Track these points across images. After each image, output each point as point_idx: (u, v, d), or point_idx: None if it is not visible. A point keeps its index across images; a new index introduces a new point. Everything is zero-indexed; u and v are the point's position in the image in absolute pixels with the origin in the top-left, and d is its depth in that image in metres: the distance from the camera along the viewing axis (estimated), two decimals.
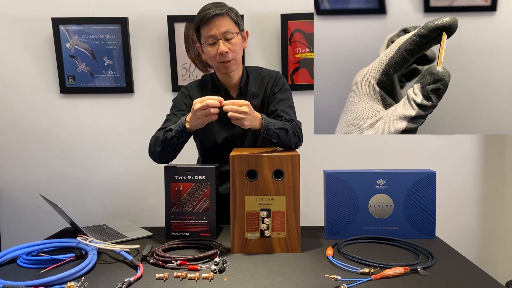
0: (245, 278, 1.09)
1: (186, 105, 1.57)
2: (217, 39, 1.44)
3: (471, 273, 1.11)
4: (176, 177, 1.41)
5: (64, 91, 2.30)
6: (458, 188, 2.33)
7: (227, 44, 1.45)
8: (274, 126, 1.36)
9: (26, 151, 2.35)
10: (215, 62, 1.50)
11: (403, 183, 1.39)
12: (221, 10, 1.43)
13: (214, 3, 1.47)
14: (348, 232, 1.40)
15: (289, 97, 1.59)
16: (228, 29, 1.44)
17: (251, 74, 1.60)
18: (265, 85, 1.58)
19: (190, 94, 1.60)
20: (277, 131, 1.36)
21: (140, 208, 2.30)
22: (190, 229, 1.43)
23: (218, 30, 1.43)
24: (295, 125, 1.47)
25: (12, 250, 1.21)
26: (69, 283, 1.00)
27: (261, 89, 1.58)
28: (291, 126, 1.43)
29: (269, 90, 1.57)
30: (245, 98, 1.57)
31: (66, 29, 2.24)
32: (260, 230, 1.28)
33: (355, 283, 1.03)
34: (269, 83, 1.58)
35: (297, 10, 2.19)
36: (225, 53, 1.44)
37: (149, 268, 1.16)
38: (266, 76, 1.60)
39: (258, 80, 1.59)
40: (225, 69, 1.50)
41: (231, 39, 1.46)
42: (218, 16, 1.43)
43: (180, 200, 1.42)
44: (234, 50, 1.47)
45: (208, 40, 1.46)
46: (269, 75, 1.60)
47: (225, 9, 1.45)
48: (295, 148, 1.45)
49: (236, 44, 1.48)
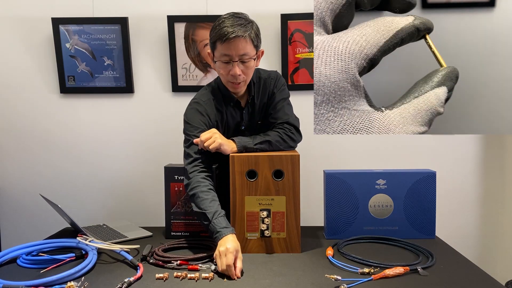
0: (245, 278, 1.09)
1: (205, 124, 1.46)
2: (233, 60, 1.37)
3: (471, 273, 1.11)
4: (176, 177, 1.41)
5: (64, 91, 2.29)
6: (458, 188, 2.33)
7: (241, 66, 1.39)
8: (252, 143, 1.36)
9: (26, 151, 2.35)
10: (225, 80, 1.45)
11: (403, 183, 1.39)
12: (243, 33, 1.34)
13: (237, 19, 1.37)
14: (348, 232, 1.40)
15: (286, 96, 1.57)
16: (246, 52, 1.37)
17: (253, 79, 1.58)
18: (267, 88, 1.55)
19: (206, 111, 1.49)
20: (257, 146, 1.36)
21: (140, 208, 2.29)
22: (190, 229, 1.43)
23: (236, 51, 1.35)
24: (287, 127, 1.45)
25: (12, 250, 1.21)
26: (69, 283, 1.00)
27: (263, 92, 1.55)
28: (277, 133, 1.42)
29: (271, 91, 1.55)
30: (252, 106, 1.54)
31: (66, 29, 2.24)
32: (260, 230, 1.28)
33: (355, 283, 1.03)
34: (271, 85, 1.55)
35: (297, 10, 2.19)
36: (237, 76, 1.40)
37: (149, 268, 1.16)
38: (267, 79, 1.56)
39: (261, 85, 1.56)
40: (233, 89, 1.46)
41: (246, 62, 1.40)
42: (239, 38, 1.34)
43: (180, 200, 1.42)
44: (247, 74, 1.42)
45: (223, 58, 1.38)
46: (270, 77, 1.57)
47: (248, 30, 1.36)
48: (293, 148, 1.45)
49: (251, 67, 1.42)
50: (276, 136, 1.41)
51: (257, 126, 1.54)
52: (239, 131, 1.53)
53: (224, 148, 1.34)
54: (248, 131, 1.54)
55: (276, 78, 1.57)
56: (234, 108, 1.52)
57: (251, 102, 1.54)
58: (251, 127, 1.54)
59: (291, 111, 1.54)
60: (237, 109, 1.53)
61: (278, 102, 1.52)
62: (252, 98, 1.54)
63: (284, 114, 1.49)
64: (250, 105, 1.54)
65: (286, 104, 1.54)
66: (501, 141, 2.31)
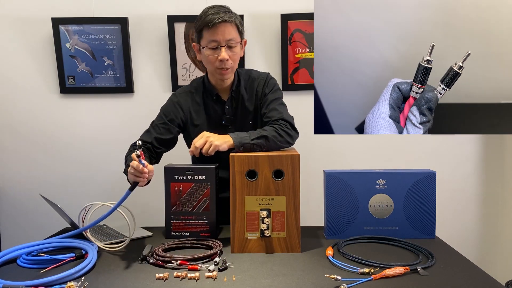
0: (245, 278, 1.09)
1: (174, 115, 1.56)
2: (220, 45, 1.43)
3: (471, 273, 1.11)
4: (176, 177, 1.41)
5: (64, 91, 2.30)
6: (458, 188, 2.33)
7: (229, 51, 1.44)
8: (249, 138, 1.36)
9: (26, 151, 2.35)
10: (212, 67, 1.48)
11: (403, 183, 1.39)
12: (229, 17, 1.42)
13: (221, 7, 1.45)
14: (348, 232, 1.40)
15: (279, 96, 1.57)
16: (232, 37, 1.43)
17: (242, 77, 1.60)
18: (255, 87, 1.57)
19: (179, 102, 1.58)
20: (255, 141, 1.36)
21: (140, 208, 2.29)
22: (190, 229, 1.43)
23: (223, 36, 1.42)
24: (282, 123, 1.45)
25: (12, 250, 1.21)
26: (69, 283, 1.00)
27: (251, 91, 1.58)
28: (273, 128, 1.42)
29: (260, 92, 1.57)
30: (236, 101, 1.57)
31: (66, 29, 2.24)
32: (260, 230, 1.28)
33: (355, 283, 1.03)
34: (259, 85, 1.57)
35: (297, 10, 2.19)
36: (225, 61, 1.44)
37: (149, 268, 1.16)
38: (256, 78, 1.59)
39: (249, 83, 1.59)
40: (221, 76, 1.49)
41: (233, 48, 1.45)
42: (225, 23, 1.41)
43: (180, 200, 1.42)
44: (234, 59, 1.47)
45: (210, 44, 1.44)
46: (259, 77, 1.59)
47: (233, 16, 1.44)
48: (291, 145, 1.46)
49: (237, 53, 1.48)
50: (272, 131, 1.41)
51: (249, 126, 1.56)
52: (221, 126, 1.54)
53: (223, 147, 1.34)
54: (234, 128, 1.55)
55: (266, 79, 1.59)
56: (216, 102, 1.56)
57: (235, 97, 1.56)
58: (242, 126, 1.55)
59: (285, 110, 1.54)
60: (219, 103, 1.57)
61: (271, 102, 1.53)
62: (236, 93, 1.55)
63: (278, 112, 1.50)
64: (235, 100, 1.56)
65: (280, 103, 1.55)
66: (501, 141, 2.31)
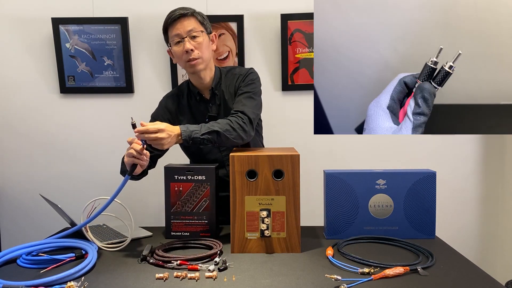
0: (245, 278, 1.09)
1: (162, 117, 1.59)
2: (182, 37, 1.47)
3: (471, 273, 1.11)
4: (176, 177, 1.41)
5: (64, 91, 2.30)
6: (458, 188, 2.33)
7: (192, 42, 1.47)
8: (199, 133, 1.34)
9: (26, 151, 2.35)
10: (183, 62, 1.51)
11: (403, 183, 1.39)
12: (186, 11, 1.47)
13: (181, 7, 1.50)
14: (348, 232, 1.40)
15: (252, 90, 1.54)
16: (193, 28, 1.47)
17: (224, 74, 1.60)
18: (234, 83, 1.57)
19: (167, 105, 1.62)
20: (205, 136, 1.34)
21: (140, 208, 2.29)
22: (190, 229, 1.43)
23: (183, 28, 1.47)
24: (240, 116, 1.43)
25: (12, 250, 1.21)
26: (69, 283, 1.00)
27: (232, 88, 1.58)
28: (228, 121, 1.40)
29: (237, 87, 1.56)
30: (219, 99, 1.57)
31: (66, 29, 2.24)
32: (260, 230, 1.28)
33: (355, 283, 1.03)
34: (238, 80, 1.57)
35: (297, 10, 2.19)
36: (190, 51, 1.47)
37: (149, 268, 1.16)
38: (236, 74, 1.59)
39: (230, 80, 1.59)
40: (191, 68, 1.50)
41: (196, 37, 1.48)
42: (183, 17, 1.47)
43: (180, 200, 1.42)
44: (201, 50, 1.49)
45: (174, 39, 1.48)
46: (240, 73, 1.59)
47: (190, 10, 1.49)
48: (244, 141, 1.44)
49: (202, 43, 1.49)
50: (226, 124, 1.39)
51: None
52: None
53: (167, 146, 1.31)
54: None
55: (246, 74, 1.58)
56: (200, 102, 1.58)
57: (217, 95, 1.57)
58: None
59: (251, 104, 1.50)
60: (203, 102, 1.59)
61: (240, 94, 1.53)
62: (218, 91, 1.56)
63: (242, 104, 1.48)
64: (217, 98, 1.57)
65: (247, 97, 1.51)
66: (501, 141, 2.31)
